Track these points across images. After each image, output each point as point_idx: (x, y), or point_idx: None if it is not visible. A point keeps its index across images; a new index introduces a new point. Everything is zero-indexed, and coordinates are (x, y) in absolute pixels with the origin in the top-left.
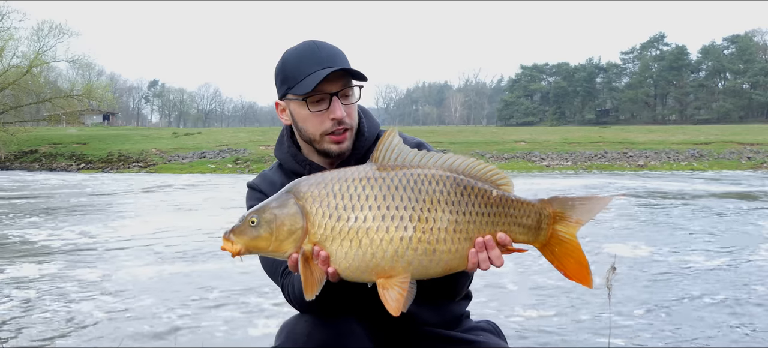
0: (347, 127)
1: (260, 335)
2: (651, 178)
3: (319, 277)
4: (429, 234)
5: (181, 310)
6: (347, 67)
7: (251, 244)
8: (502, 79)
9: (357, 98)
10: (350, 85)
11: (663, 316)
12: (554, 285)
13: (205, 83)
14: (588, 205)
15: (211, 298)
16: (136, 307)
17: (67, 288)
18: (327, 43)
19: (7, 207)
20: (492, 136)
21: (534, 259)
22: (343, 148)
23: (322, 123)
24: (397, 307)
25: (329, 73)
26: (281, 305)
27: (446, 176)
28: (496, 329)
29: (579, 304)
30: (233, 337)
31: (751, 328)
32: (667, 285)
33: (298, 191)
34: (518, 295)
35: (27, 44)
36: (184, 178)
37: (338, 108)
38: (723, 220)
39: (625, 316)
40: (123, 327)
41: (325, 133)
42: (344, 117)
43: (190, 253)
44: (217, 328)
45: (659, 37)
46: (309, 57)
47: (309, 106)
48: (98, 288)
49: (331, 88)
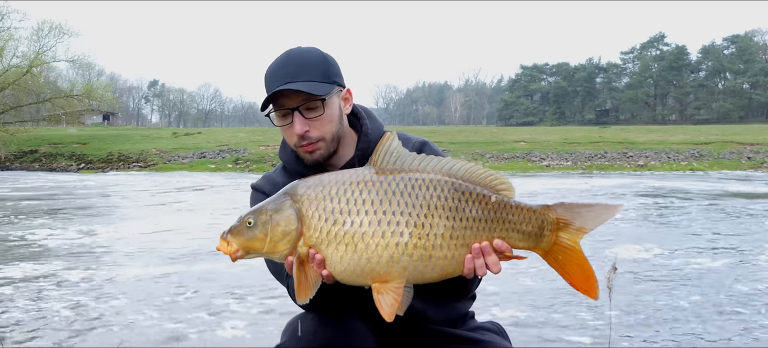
0: (314, 140)
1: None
2: (671, 180)
3: (314, 280)
4: (425, 240)
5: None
6: (296, 87)
7: (247, 245)
8: (502, 79)
9: (324, 111)
10: (313, 99)
11: (663, 316)
12: (554, 285)
13: (205, 83)
14: (594, 212)
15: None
16: (136, 308)
17: (64, 288)
18: (304, 52)
19: (11, 208)
20: (492, 136)
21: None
22: (315, 158)
23: (291, 136)
24: (391, 313)
25: (272, 93)
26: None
27: (444, 181)
28: (500, 330)
29: (579, 305)
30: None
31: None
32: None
33: (295, 193)
34: (518, 294)
35: (27, 44)
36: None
37: (297, 123)
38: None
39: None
40: (124, 329)
41: (296, 146)
42: (306, 132)
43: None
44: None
45: (659, 37)
46: (275, 72)
47: (275, 121)
48: (97, 288)
49: (291, 103)
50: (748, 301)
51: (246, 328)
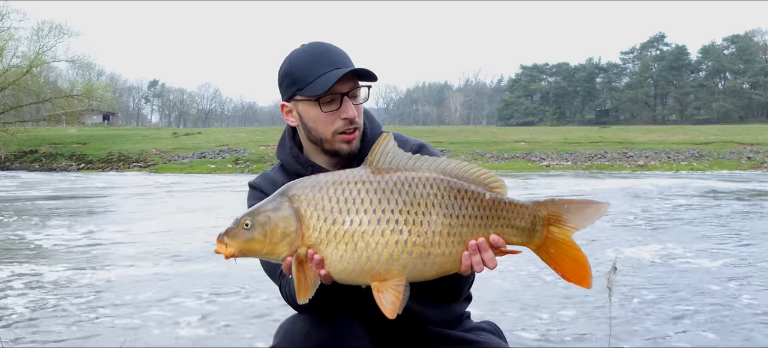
0: (357, 127)
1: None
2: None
3: (313, 281)
4: (423, 237)
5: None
6: (356, 68)
7: (245, 246)
8: (502, 79)
9: (365, 99)
10: (358, 86)
11: (666, 315)
12: (555, 284)
13: (205, 83)
14: (585, 211)
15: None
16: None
17: (67, 290)
18: (333, 44)
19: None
20: (492, 136)
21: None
22: (352, 147)
23: (334, 123)
24: (393, 310)
25: (343, 73)
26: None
27: (440, 179)
28: (496, 330)
29: (579, 304)
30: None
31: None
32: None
33: (293, 194)
34: (517, 293)
35: (27, 44)
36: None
37: (350, 108)
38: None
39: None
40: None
41: (337, 133)
42: (356, 116)
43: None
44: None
45: (659, 37)
46: (319, 58)
47: (321, 107)
48: (98, 288)
49: (342, 89)
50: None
51: (246, 329)
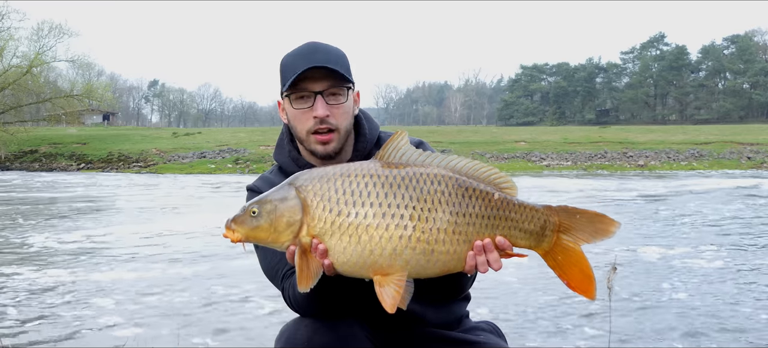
0: (332, 128)
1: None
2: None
3: (315, 270)
4: (428, 234)
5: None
6: (331, 66)
7: (251, 233)
8: (502, 79)
9: (346, 100)
10: (338, 86)
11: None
12: (555, 284)
13: (205, 83)
14: (595, 226)
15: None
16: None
17: (72, 291)
18: (329, 45)
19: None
20: (492, 136)
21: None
22: (328, 150)
23: (306, 121)
24: (393, 305)
25: (307, 68)
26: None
27: (448, 177)
28: (496, 329)
29: (579, 304)
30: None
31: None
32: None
33: (300, 184)
34: (517, 292)
35: (27, 44)
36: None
37: (320, 106)
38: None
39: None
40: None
41: (309, 132)
42: (326, 116)
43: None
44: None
45: (659, 37)
46: (302, 56)
47: (292, 103)
48: (99, 288)
49: (316, 87)
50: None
51: (249, 329)
